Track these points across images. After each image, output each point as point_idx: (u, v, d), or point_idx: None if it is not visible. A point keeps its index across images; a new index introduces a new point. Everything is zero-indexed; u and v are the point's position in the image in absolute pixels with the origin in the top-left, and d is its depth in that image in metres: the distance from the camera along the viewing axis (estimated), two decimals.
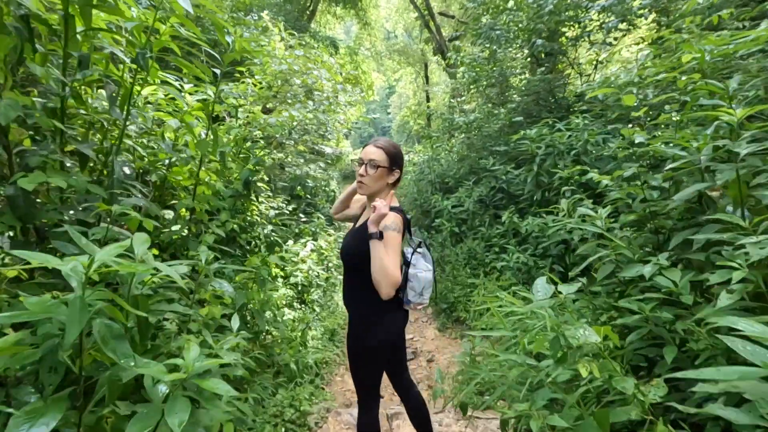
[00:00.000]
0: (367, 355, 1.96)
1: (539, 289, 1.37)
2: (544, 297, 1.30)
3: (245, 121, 3.47)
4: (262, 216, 3.86)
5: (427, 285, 1.95)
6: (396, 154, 1.95)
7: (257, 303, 2.64)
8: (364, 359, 1.98)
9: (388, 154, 1.91)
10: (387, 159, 1.91)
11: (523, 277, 4.51)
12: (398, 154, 1.96)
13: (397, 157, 1.95)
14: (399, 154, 1.96)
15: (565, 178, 4.45)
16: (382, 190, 1.95)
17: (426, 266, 1.98)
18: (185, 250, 2.40)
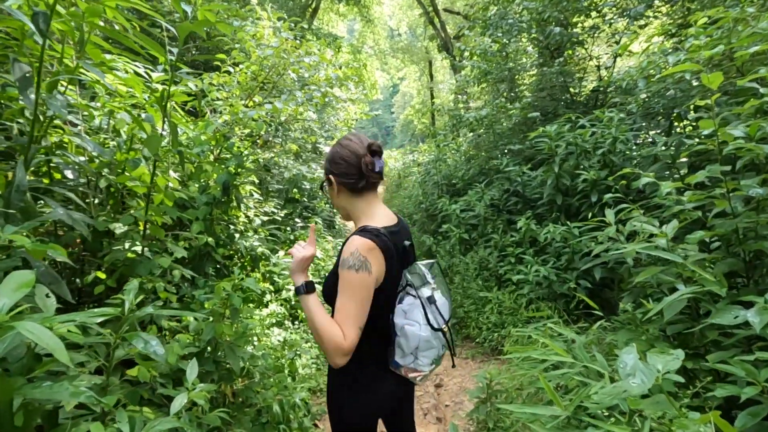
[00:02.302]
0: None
1: (628, 365, 0.88)
2: (642, 383, 0.81)
3: (227, 114, 2.98)
4: (247, 225, 3.37)
5: (422, 345, 1.33)
6: (327, 161, 1.46)
7: (231, 336, 2.15)
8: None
9: (325, 165, 1.47)
10: (324, 171, 1.47)
11: (543, 292, 3.99)
12: (329, 159, 1.44)
13: (328, 162, 1.45)
14: (330, 157, 1.44)
15: (591, 181, 3.95)
16: (353, 207, 1.45)
17: (418, 319, 1.34)
18: (137, 275, 1.91)
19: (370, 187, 1.44)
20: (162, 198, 2.01)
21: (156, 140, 1.68)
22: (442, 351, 1.43)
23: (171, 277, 2.37)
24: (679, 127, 3.61)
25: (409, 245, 1.43)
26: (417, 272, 1.42)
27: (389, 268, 1.35)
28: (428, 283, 1.42)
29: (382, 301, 1.35)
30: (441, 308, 1.39)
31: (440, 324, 1.38)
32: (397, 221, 1.48)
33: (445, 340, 1.42)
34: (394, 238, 1.39)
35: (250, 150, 3.15)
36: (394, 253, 1.36)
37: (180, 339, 1.85)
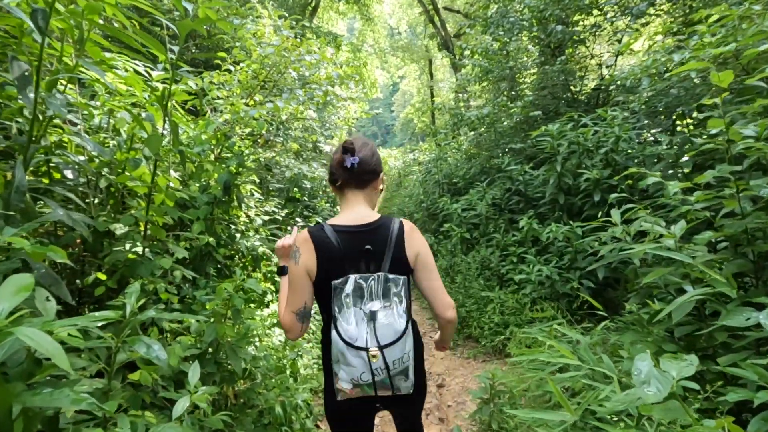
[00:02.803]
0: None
1: (643, 372, 0.85)
2: (658, 391, 0.79)
3: (228, 113, 2.96)
4: (249, 225, 3.35)
5: (338, 356, 1.26)
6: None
7: (232, 337, 2.13)
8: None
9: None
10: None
11: (545, 292, 3.97)
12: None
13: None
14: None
15: (594, 181, 3.93)
16: (339, 202, 1.53)
17: (346, 315, 1.26)
18: (138, 276, 1.89)
19: (346, 184, 1.43)
20: (163, 198, 1.99)
21: (156, 139, 1.65)
22: (367, 377, 1.25)
23: (172, 278, 2.35)
24: (682, 126, 3.59)
25: (371, 249, 1.33)
26: (366, 286, 1.29)
27: (321, 257, 1.32)
28: (378, 299, 1.29)
29: (321, 293, 1.35)
30: (379, 329, 1.25)
31: (365, 342, 1.23)
32: (366, 224, 1.38)
33: (371, 368, 1.23)
34: (344, 238, 1.34)
35: (251, 149, 3.13)
36: (331, 247, 1.32)
37: (182, 341, 1.83)
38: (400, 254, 1.38)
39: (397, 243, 1.38)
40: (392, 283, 1.31)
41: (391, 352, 1.25)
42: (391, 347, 1.25)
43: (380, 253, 1.35)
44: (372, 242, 1.35)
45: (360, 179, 1.42)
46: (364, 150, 1.42)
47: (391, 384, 1.28)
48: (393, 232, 1.38)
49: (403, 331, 1.27)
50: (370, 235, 1.37)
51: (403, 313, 1.29)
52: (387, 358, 1.24)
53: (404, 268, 1.38)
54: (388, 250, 1.36)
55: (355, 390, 1.28)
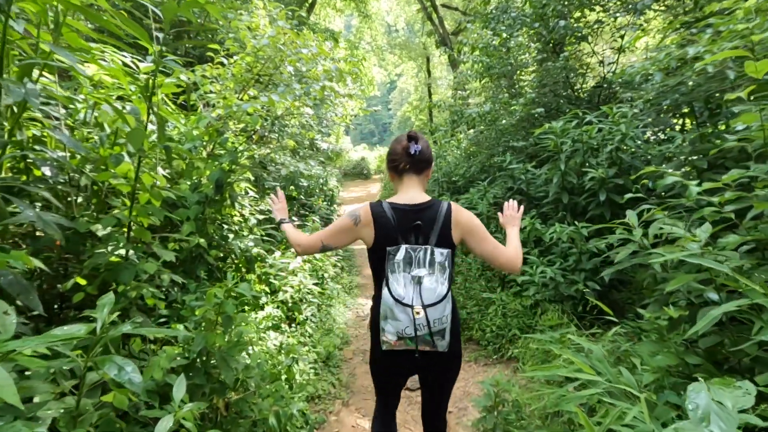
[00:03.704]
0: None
1: (700, 407, 0.72)
2: (721, 430, 0.66)
3: (221, 108, 2.82)
4: (242, 225, 3.22)
5: (387, 312, 1.51)
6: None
7: (223, 345, 1.99)
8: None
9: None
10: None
11: (549, 294, 3.86)
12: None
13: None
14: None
15: (599, 180, 3.81)
16: (395, 186, 1.78)
17: (397, 278, 1.52)
18: (121, 281, 1.75)
19: (406, 170, 1.67)
20: (149, 197, 1.85)
21: (139, 134, 1.52)
22: (410, 331, 1.49)
23: (160, 281, 2.22)
24: (692, 123, 3.48)
25: (420, 225, 1.59)
26: (415, 255, 1.54)
27: (378, 229, 1.61)
28: (424, 267, 1.53)
29: (376, 258, 1.63)
30: (424, 291, 1.49)
31: (411, 301, 1.48)
32: (419, 203, 1.64)
33: (415, 323, 1.47)
34: (399, 215, 1.61)
35: (245, 145, 2.99)
36: (387, 221, 1.60)
37: (167, 351, 1.69)
38: (445, 231, 1.61)
39: (444, 222, 1.61)
40: (437, 254, 1.54)
41: (433, 311, 1.48)
42: (433, 307, 1.48)
43: (428, 229, 1.60)
44: (422, 219, 1.60)
45: (418, 166, 1.67)
46: (422, 142, 1.66)
47: (430, 339, 1.51)
48: (441, 213, 1.63)
49: (444, 295, 1.49)
50: (421, 214, 1.62)
51: (444, 281, 1.52)
52: (429, 316, 1.47)
53: (449, 243, 1.61)
54: (436, 227, 1.60)
55: (399, 342, 1.53)
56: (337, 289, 5.54)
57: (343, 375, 4.05)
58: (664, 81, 2.72)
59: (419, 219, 1.60)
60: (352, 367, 4.31)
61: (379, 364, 1.77)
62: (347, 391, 3.82)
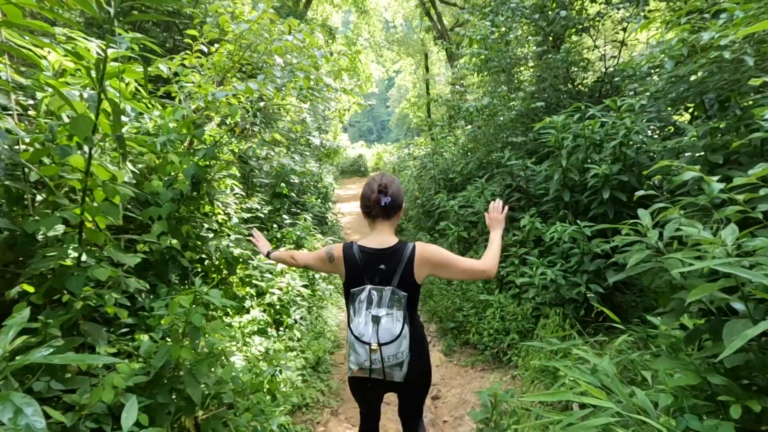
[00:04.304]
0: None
1: None
2: None
3: (195, 96, 2.62)
4: (224, 225, 3.01)
5: (350, 343, 1.69)
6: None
7: (192, 359, 1.80)
8: None
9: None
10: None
11: (550, 296, 3.67)
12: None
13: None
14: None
15: (603, 176, 3.61)
16: (368, 226, 1.90)
17: (359, 316, 1.67)
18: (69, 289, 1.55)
19: (378, 216, 1.79)
20: (101, 193, 1.65)
21: (84, 122, 1.31)
22: (368, 364, 1.65)
23: (126, 286, 2.02)
24: (699, 116, 3.28)
25: (384, 269, 1.73)
26: (375, 296, 1.68)
27: (348, 270, 1.78)
28: (384, 307, 1.66)
29: (346, 293, 1.78)
30: (381, 330, 1.63)
31: (369, 339, 1.63)
32: (385, 248, 1.76)
33: (371, 358, 1.63)
34: (366, 258, 1.75)
35: (225, 139, 2.79)
36: (356, 263, 1.76)
37: (120, 368, 1.50)
38: (407, 274, 1.73)
39: (407, 266, 1.73)
40: (397, 296, 1.67)
41: (388, 349, 1.62)
42: (387, 345, 1.62)
43: (391, 272, 1.73)
44: (386, 263, 1.73)
45: (389, 213, 1.79)
46: (392, 188, 1.77)
47: (383, 372, 1.67)
48: (405, 257, 1.74)
49: (398, 335, 1.63)
50: (386, 258, 1.74)
51: (400, 320, 1.65)
52: (383, 353, 1.63)
53: (410, 287, 1.74)
54: (398, 270, 1.73)
55: (359, 371, 1.70)
56: (330, 290, 5.34)
57: (333, 381, 3.86)
58: (675, 70, 2.52)
59: (384, 262, 1.73)
60: (342, 372, 4.11)
61: (350, 384, 1.99)
62: (337, 399, 3.63)
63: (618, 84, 5.44)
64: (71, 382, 1.46)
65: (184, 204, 2.49)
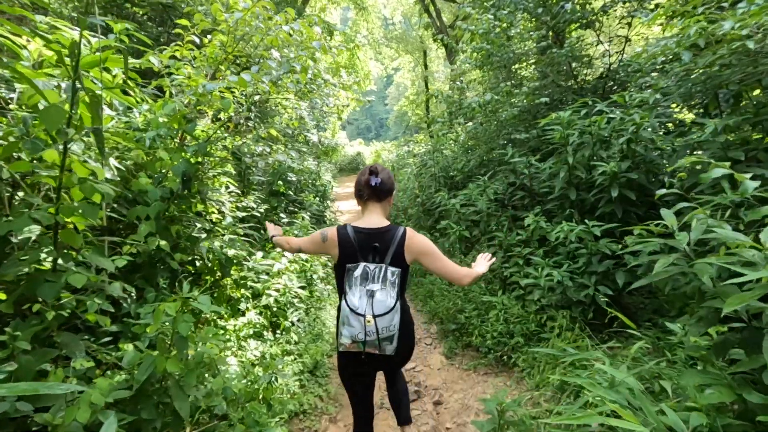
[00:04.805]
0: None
1: None
2: None
3: (185, 88, 2.48)
4: (217, 224, 2.88)
5: (344, 318, 1.75)
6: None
7: (180, 370, 1.66)
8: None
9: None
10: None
11: (556, 298, 3.55)
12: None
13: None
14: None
15: (611, 174, 3.49)
16: (361, 209, 2.02)
17: (354, 291, 1.76)
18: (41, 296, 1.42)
19: (369, 198, 1.92)
20: (78, 192, 1.51)
21: (55, 113, 1.18)
22: (362, 337, 1.72)
23: (110, 290, 1.88)
24: (711, 111, 3.16)
25: (378, 247, 1.83)
26: (370, 272, 1.78)
27: (342, 249, 1.85)
28: (377, 282, 1.77)
29: (339, 273, 1.86)
30: (375, 303, 1.73)
31: (364, 311, 1.72)
32: (378, 227, 1.88)
33: (365, 329, 1.71)
34: (360, 237, 1.85)
35: (218, 134, 2.65)
36: (350, 242, 1.84)
37: (98, 383, 1.36)
38: (399, 253, 1.85)
39: (398, 246, 1.85)
40: (389, 272, 1.78)
41: (382, 320, 1.72)
42: (382, 317, 1.72)
43: (384, 250, 1.84)
44: (379, 242, 1.84)
45: (379, 195, 1.91)
46: (383, 173, 1.92)
47: (377, 344, 1.75)
48: (396, 237, 1.86)
49: (392, 308, 1.74)
50: (379, 237, 1.85)
51: (394, 295, 1.76)
52: (378, 324, 1.72)
53: (401, 263, 1.85)
54: (391, 249, 1.84)
55: (352, 345, 1.75)
56: (328, 290, 5.21)
57: (332, 386, 3.73)
58: (692, 62, 2.39)
59: (377, 241, 1.83)
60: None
61: (339, 364, 2.03)
62: (336, 405, 3.50)
63: (623, 80, 5.32)
64: (45, 399, 1.33)
65: (175, 203, 2.35)
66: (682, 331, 2.10)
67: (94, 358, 1.80)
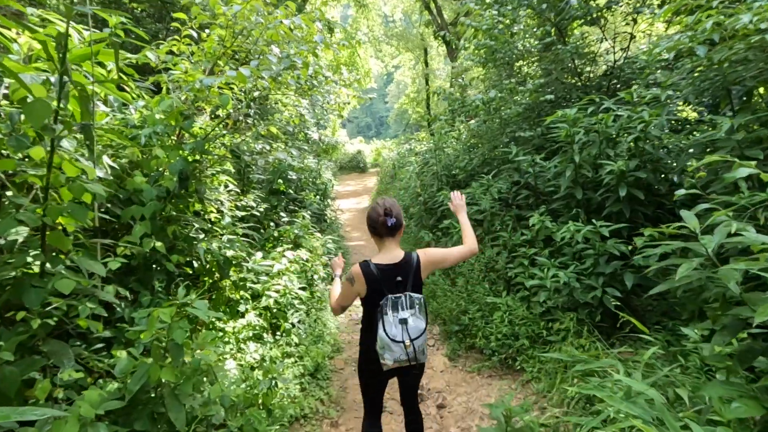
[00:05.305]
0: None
1: None
2: None
3: (182, 83, 2.40)
4: (216, 224, 2.80)
5: (385, 346, 1.97)
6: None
7: (176, 379, 1.59)
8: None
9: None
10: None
11: (562, 300, 3.47)
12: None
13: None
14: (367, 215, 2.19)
15: (618, 173, 3.40)
16: (376, 244, 2.19)
17: (388, 329, 1.97)
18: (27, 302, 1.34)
19: (385, 235, 2.09)
20: (67, 193, 1.43)
21: (41, 107, 1.10)
22: (404, 357, 1.98)
23: (102, 295, 1.81)
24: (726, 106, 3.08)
25: (400, 280, 2.04)
26: (399, 302, 1.99)
27: (369, 285, 2.03)
28: (407, 310, 1.99)
29: (368, 305, 2.08)
30: (410, 330, 1.97)
31: (402, 338, 1.95)
32: (397, 262, 2.07)
33: (407, 351, 1.96)
34: (383, 273, 2.03)
35: (217, 131, 2.57)
36: (375, 278, 2.02)
37: (87, 396, 1.29)
38: (417, 278, 2.09)
39: (416, 273, 2.09)
40: (415, 299, 2.02)
41: (417, 341, 1.98)
42: (417, 339, 1.98)
43: (405, 281, 2.05)
44: (401, 275, 2.05)
45: (394, 232, 2.10)
46: (395, 210, 2.08)
47: (416, 358, 2.00)
48: (412, 265, 2.08)
49: (424, 330, 2.00)
50: (399, 270, 2.06)
51: (423, 317, 2.01)
52: (415, 345, 1.97)
53: (420, 287, 2.11)
54: (410, 279, 2.06)
55: (395, 364, 1.99)
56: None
57: (333, 389, 3.66)
58: (708, 57, 2.31)
59: (399, 275, 2.04)
60: (343, 378, 3.91)
61: (373, 377, 2.22)
62: (337, 409, 3.43)
63: (628, 77, 5.23)
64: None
65: (171, 202, 2.27)
66: (696, 336, 2.03)
67: (85, 366, 1.72)
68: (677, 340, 2.65)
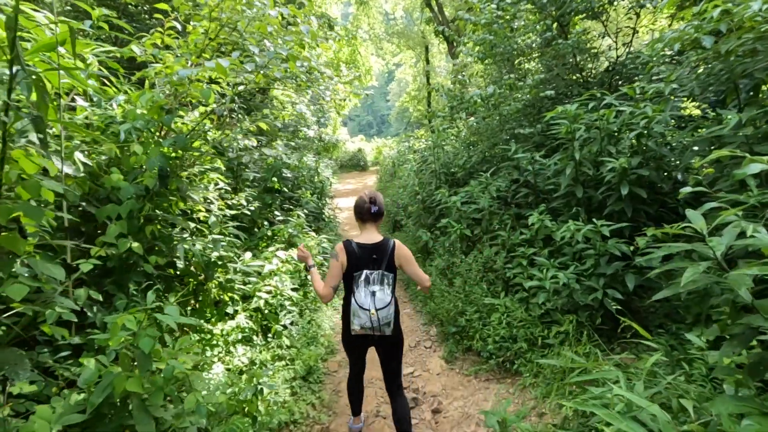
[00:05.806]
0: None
1: None
2: None
3: (159, 75, 2.29)
4: (200, 224, 2.70)
5: (354, 311, 2.33)
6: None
7: (146, 389, 1.49)
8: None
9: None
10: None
11: (562, 301, 3.36)
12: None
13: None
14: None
15: (620, 171, 3.29)
16: (359, 228, 2.59)
17: (358, 297, 2.33)
18: None
19: (367, 219, 2.48)
20: (35, 190, 1.33)
21: None
22: (368, 324, 2.32)
23: (75, 297, 1.71)
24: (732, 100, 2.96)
25: (376, 258, 2.39)
26: (371, 277, 2.35)
27: (349, 259, 2.39)
28: (377, 284, 2.34)
29: (348, 278, 2.42)
30: (377, 301, 2.31)
31: (369, 307, 2.30)
32: (375, 243, 2.44)
33: (371, 319, 2.30)
34: (363, 250, 2.41)
35: (200, 127, 2.46)
36: (355, 254, 2.39)
37: (40, 411, 1.19)
38: (391, 261, 2.42)
39: (390, 255, 2.43)
40: (386, 276, 2.38)
41: (381, 312, 2.32)
42: (382, 310, 2.32)
43: (381, 260, 2.40)
44: (377, 253, 2.41)
45: (376, 218, 2.49)
46: (378, 200, 2.48)
47: (379, 329, 2.35)
48: (388, 249, 2.43)
49: (389, 303, 2.34)
50: (377, 250, 2.42)
51: (389, 292, 2.36)
52: (379, 315, 2.31)
53: (392, 269, 2.43)
54: (385, 259, 2.41)
55: (361, 330, 2.36)
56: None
57: (326, 392, 3.55)
58: (714, 48, 2.19)
59: (375, 253, 2.40)
60: (336, 381, 3.81)
61: (349, 342, 2.61)
62: (329, 413, 3.32)
63: (630, 73, 5.11)
64: None
65: (151, 201, 2.17)
66: (701, 343, 1.92)
67: (53, 375, 1.62)
68: (681, 344, 2.54)
